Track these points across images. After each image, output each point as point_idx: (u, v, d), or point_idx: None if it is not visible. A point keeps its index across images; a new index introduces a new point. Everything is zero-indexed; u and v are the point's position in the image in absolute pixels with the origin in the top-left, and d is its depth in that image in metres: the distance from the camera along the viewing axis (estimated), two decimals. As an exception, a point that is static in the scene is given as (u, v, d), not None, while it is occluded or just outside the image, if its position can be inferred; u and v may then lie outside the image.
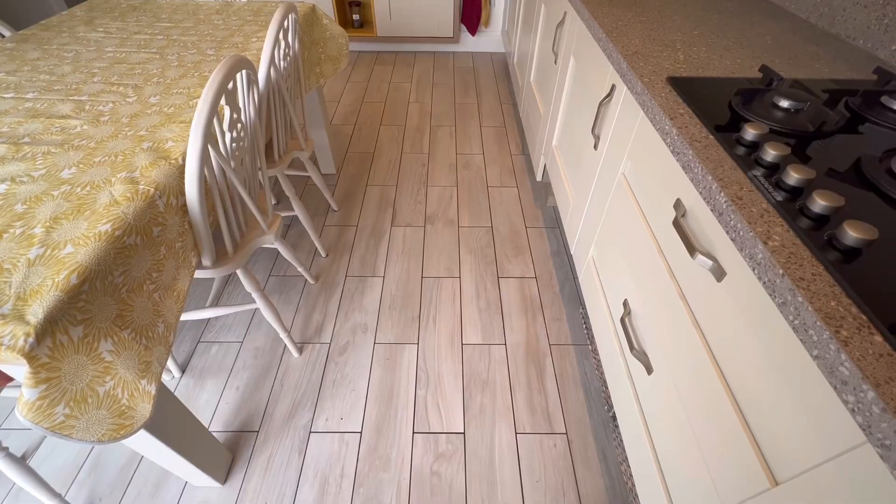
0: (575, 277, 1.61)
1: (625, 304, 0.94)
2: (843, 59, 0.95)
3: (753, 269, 0.52)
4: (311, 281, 1.57)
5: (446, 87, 2.80)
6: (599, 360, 1.27)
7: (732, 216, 0.56)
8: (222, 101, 0.89)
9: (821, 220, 0.53)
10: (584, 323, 1.44)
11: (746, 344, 0.57)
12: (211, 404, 1.25)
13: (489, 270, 1.63)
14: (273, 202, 1.83)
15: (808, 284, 0.46)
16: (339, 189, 2.00)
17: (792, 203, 0.55)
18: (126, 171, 0.80)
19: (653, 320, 0.82)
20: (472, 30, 3.07)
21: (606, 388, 1.23)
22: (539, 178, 1.83)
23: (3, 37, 1.41)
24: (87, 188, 0.76)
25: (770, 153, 0.61)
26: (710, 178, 0.61)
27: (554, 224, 1.83)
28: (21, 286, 0.59)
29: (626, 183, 0.96)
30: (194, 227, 0.88)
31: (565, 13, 1.44)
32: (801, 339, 0.45)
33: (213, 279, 1.54)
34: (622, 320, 0.90)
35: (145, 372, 0.71)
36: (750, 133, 0.65)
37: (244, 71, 0.91)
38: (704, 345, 0.65)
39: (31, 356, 0.54)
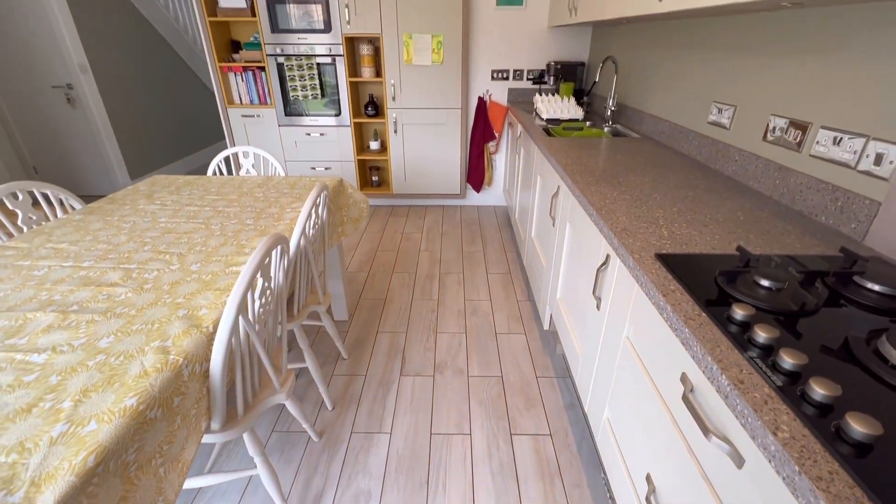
0: (592, 435, 1.52)
1: (648, 479, 0.88)
2: (810, 235, 1.07)
3: (770, 461, 0.52)
4: (315, 438, 1.50)
5: (454, 237, 3.05)
6: (629, 541, 1.13)
7: (738, 401, 0.58)
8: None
9: (824, 409, 0.54)
10: (608, 492, 1.32)
11: (783, 546, 0.53)
12: None
13: (501, 426, 1.56)
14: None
15: (827, 485, 0.46)
16: (351, 336, 2.04)
17: (792, 387, 0.58)
18: (159, 340, 0.86)
19: None
20: (477, 188, 3.48)
21: (641, 578, 1.07)
22: (546, 327, 1.88)
23: (74, 209, 1.64)
24: (121, 357, 0.81)
25: (761, 335, 0.65)
26: (709, 358, 0.65)
27: (564, 373, 1.81)
28: (38, 469, 0.59)
29: (631, 347, 0.99)
30: (211, 392, 0.90)
31: (559, 187, 1.66)
32: (836, 551, 0.43)
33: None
34: (647, 499, 0.84)
35: (134, 566, 0.65)
36: (739, 314, 0.70)
37: (279, 246, 1.03)
38: (739, 541, 0.61)
39: (28, 556, 0.52)
